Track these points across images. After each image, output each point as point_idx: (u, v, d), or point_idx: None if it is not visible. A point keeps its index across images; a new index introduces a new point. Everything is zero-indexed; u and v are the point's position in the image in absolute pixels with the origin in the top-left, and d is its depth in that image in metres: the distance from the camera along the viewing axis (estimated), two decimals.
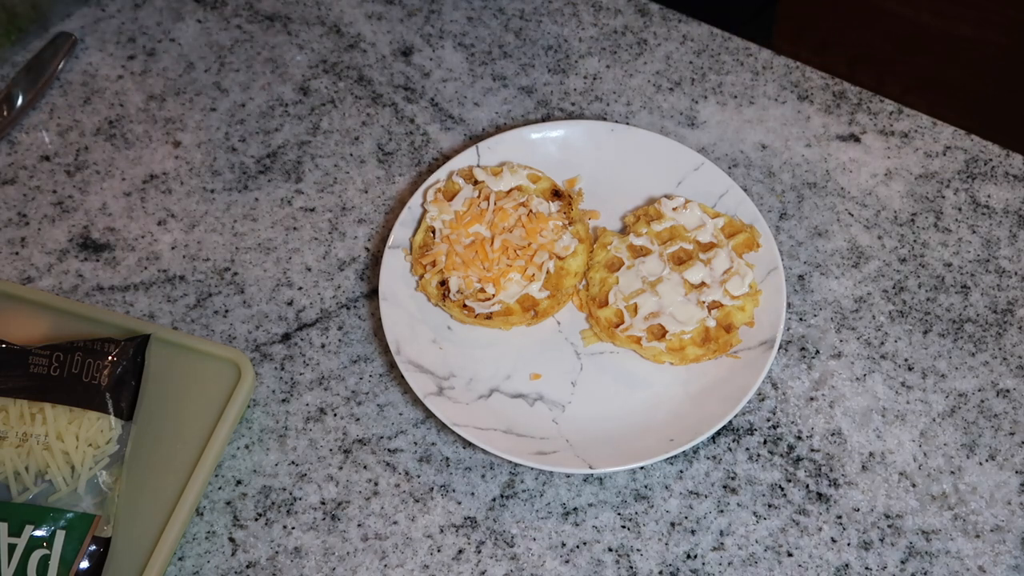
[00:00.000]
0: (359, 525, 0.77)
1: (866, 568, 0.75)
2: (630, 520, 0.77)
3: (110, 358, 0.76)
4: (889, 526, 0.76)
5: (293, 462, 0.79)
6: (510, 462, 0.79)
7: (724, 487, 0.78)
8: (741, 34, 0.99)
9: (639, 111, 0.94)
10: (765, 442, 0.79)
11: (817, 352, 0.83)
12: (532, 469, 0.78)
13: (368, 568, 0.75)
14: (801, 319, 0.84)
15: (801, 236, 0.88)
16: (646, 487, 0.78)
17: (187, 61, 0.98)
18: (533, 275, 0.82)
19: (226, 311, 0.85)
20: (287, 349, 0.84)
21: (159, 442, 0.77)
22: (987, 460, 0.78)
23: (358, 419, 0.81)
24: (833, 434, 0.79)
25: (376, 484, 0.78)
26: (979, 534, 0.76)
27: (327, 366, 0.83)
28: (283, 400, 0.82)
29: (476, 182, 0.86)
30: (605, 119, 0.93)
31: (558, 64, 0.97)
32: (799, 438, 0.79)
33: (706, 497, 0.77)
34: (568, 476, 0.78)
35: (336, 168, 0.92)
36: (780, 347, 0.82)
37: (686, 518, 0.77)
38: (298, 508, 0.78)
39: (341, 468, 0.79)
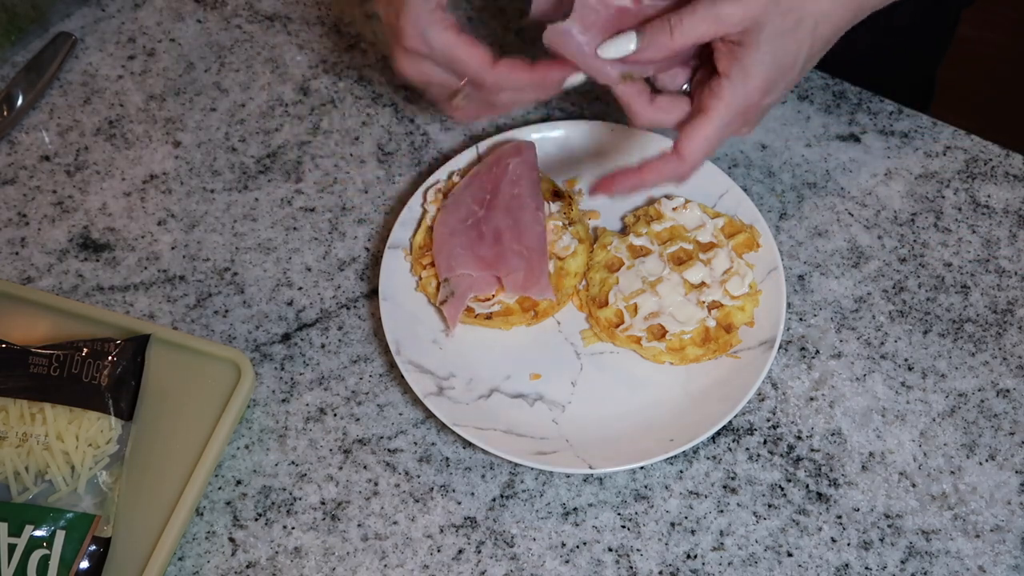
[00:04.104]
0: (359, 525, 0.77)
1: (866, 568, 0.75)
2: (630, 520, 0.77)
3: (110, 358, 0.76)
4: (889, 526, 0.76)
5: (293, 462, 0.79)
6: (510, 462, 0.79)
7: (724, 487, 0.78)
8: None
9: None
10: (765, 442, 0.79)
11: (817, 352, 0.83)
12: (532, 469, 0.78)
13: (368, 568, 0.75)
14: (801, 319, 0.84)
15: (801, 236, 0.88)
16: (646, 487, 0.78)
17: (187, 61, 0.98)
18: None
19: (226, 311, 0.85)
20: (287, 349, 0.84)
21: (159, 442, 0.77)
22: (987, 460, 0.78)
23: (358, 419, 0.81)
24: (833, 434, 0.79)
25: (376, 484, 0.78)
26: (979, 534, 0.76)
27: (327, 366, 0.83)
28: (283, 400, 0.82)
29: None
30: (605, 119, 0.93)
31: None
32: (799, 438, 0.79)
33: (706, 497, 0.77)
34: (568, 476, 0.78)
35: (336, 168, 0.92)
36: (780, 347, 0.82)
37: (686, 518, 0.77)
38: (298, 508, 0.78)
39: (341, 468, 0.79)
